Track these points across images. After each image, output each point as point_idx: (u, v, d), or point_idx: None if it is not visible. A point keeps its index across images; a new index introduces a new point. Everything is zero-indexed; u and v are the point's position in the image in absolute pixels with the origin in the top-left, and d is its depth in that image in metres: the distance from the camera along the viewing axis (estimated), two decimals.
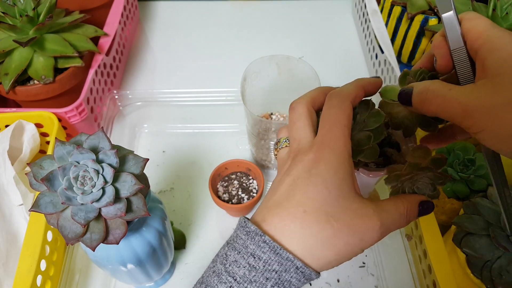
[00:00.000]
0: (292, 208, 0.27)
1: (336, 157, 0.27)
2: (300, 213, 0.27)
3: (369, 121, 0.31)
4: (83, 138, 0.34)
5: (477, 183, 0.49)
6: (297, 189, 0.28)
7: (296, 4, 0.86)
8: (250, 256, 0.27)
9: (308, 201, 0.27)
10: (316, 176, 0.27)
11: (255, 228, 0.27)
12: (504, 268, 0.40)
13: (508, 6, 0.51)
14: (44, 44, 0.54)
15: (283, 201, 0.28)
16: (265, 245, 0.27)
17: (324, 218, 0.26)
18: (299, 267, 0.26)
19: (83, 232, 0.32)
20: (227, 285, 0.27)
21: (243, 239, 0.28)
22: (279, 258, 0.26)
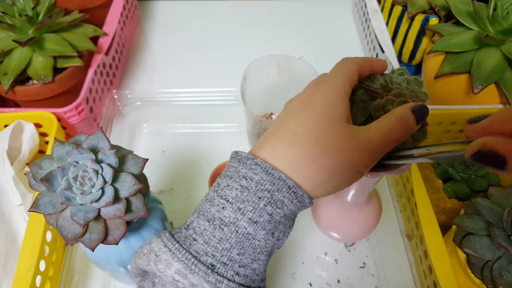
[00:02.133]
0: (284, 134, 0.28)
1: (332, 90, 0.29)
2: (291, 137, 0.28)
3: (355, 116, 0.32)
4: (82, 138, 0.34)
5: (478, 183, 0.49)
6: (291, 118, 0.29)
7: (296, 4, 0.86)
8: (242, 178, 0.27)
9: (299, 126, 0.28)
10: (310, 105, 0.29)
11: (246, 154, 0.28)
12: (504, 268, 0.40)
13: (508, 6, 0.51)
14: (44, 44, 0.54)
15: (276, 130, 0.29)
16: (257, 167, 0.27)
17: (313, 139, 0.27)
18: (291, 187, 0.27)
19: (83, 232, 0.32)
20: (219, 207, 0.27)
21: (235, 166, 0.28)
22: (271, 178, 0.27)
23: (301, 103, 0.29)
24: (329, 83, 0.30)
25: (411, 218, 0.50)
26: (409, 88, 0.32)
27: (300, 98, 0.30)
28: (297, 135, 0.28)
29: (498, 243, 0.40)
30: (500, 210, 0.42)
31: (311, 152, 0.27)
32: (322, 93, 0.29)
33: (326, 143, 0.27)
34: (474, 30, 0.54)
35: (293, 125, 0.28)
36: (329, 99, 0.29)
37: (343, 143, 0.27)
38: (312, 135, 0.27)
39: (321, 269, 0.51)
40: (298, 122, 0.28)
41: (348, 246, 0.53)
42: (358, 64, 0.31)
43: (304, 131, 0.28)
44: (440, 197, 0.50)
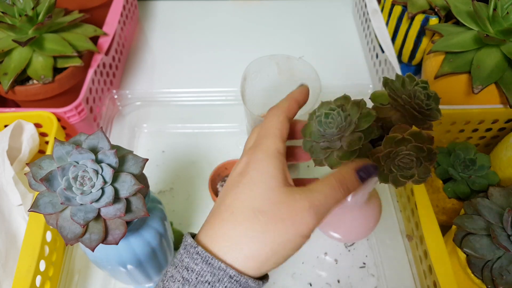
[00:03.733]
0: (223, 212, 0.28)
1: (265, 156, 0.28)
2: (228, 215, 0.27)
3: (360, 122, 0.31)
4: (82, 138, 0.34)
5: (478, 183, 0.49)
6: (228, 193, 0.28)
7: (296, 4, 0.86)
8: (184, 269, 0.26)
9: (236, 201, 0.27)
10: (245, 175, 0.28)
11: (191, 241, 0.27)
12: (504, 268, 0.40)
13: (508, 6, 0.51)
14: (43, 44, 0.54)
15: (216, 209, 0.28)
16: (198, 256, 0.26)
17: (251, 214, 0.26)
18: (232, 276, 0.26)
19: (83, 232, 0.32)
20: None
21: (181, 253, 0.28)
22: (211, 268, 0.26)
23: (238, 173, 0.29)
24: (260, 148, 0.29)
25: (411, 218, 0.50)
26: (429, 104, 0.32)
27: (236, 169, 0.29)
28: (234, 212, 0.27)
29: (498, 243, 0.40)
30: (500, 210, 0.42)
31: (251, 229, 0.26)
32: (254, 161, 0.28)
33: (265, 216, 0.26)
34: (474, 30, 0.54)
35: (230, 201, 0.28)
36: (262, 166, 0.28)
37: (283, 212, 0.26)
38: (250, 210, 0.27)
39: (321, 269, 0.51)
40: (235, 197, 0.28)
41: (348, 246, 0.53)
42: (285, 111, 0.31)
43: (241, 205, 0.27)
44: (440, 197, 0.50)
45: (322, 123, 0.32)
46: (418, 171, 0.31)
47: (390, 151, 0.31)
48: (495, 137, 0.57)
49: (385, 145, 0.31)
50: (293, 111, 0.32)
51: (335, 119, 0.31)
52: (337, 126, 0.31)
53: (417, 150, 0.31)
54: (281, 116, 0.31)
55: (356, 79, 0.71)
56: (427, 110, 0.32)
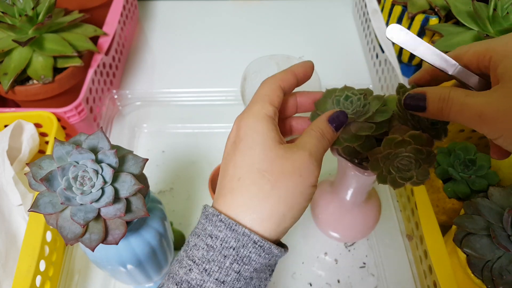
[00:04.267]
0: (228, 183, 0.28)
1: (255, 119, 0.29)
2: (235, 183, 0.28)
3: (376, 114, 0.32)
4: (82, 138, 0.34)
5: (478, 183, 0.49)
6: (229, 162, 0.29)
7: (296, 4, 0.86)
8: (208, 237, 0.27)
9: (238, 169, 0.28)
10: (239, 142, 0.29)
11: (212, 210, 0.28)
12: (504, 268, 0.40)
13: (508, 6, 0.51)
14: (43, 44, 0.54)
15: (222, 180, 0.29)
16: (221, 224, 0.27)
17: (257, 176, 0.27)
18: (256, 241, 0.26)
19: (83, 232, 0.32)
20: (187, 269, 0.27)
21: (202, 222, 0.28)
22: (235, 234, 0.26)
23: (231, 143, 0.29)
24: (248, 113, 0.29)
25: (411, 218, 0.50)
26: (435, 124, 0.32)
27: (229, 139, 0.30)
28: (241, 178, 0.27)
29: (498, 243, 0.40)
30: (500, 210, 0.42)
31: (261, 190, 0.27)
32: (245, 126, 0.29)
33: (271, 174, 0.27)
34: (474, 30, 0.54)
35: (232, 170, 0.28)
36: (254, 129, 0.28)
37: (287, 167, 0.27)
38: (255, 172, 0.27)
39: (321, 269, 0.51)
40: (237, 165, 0.28)
41: (348, 246, 0.53)
42: (278, 80, 0.31)
43: (245, 170, 0.27)
44: (440, 197, 0.50)
45: (340, 102, 0.32)
46: (416, 173, 0.31)
47: (389, 153, 0.31)
48: None
49: (384, 146, 0.31)
50: (289, 82, 0.32)
51: (354, 102, 0.32)
52: (354, 108, 0.31)
53: (416, 152, 0.31)
54: (273, 84, 0.31)
55: (356, 79, 0.71)
56: (431, 129, 0.32)
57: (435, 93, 0.28)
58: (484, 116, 0.25)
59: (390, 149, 0.31)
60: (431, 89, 0.29)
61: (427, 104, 0.28)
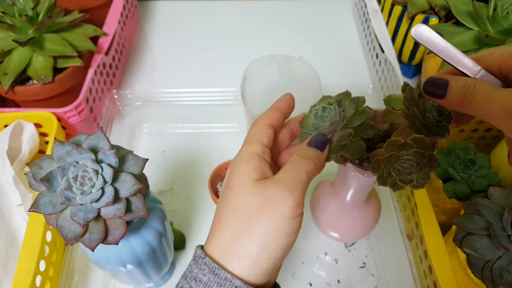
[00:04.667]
0: (214, 224, 0.29)
1: (239, 159, 0.29)
2: (217, 224, 0.28)
3: (353, 118, 0.32)
4: (82, 138, 0.34)
5: (478, 183, 0.49)
6: (218, 205, 0.29)
7: (296, 4, 0.86)
8: (193, 280, 0.27)
9: (220, 210, 0.28)
10: (226, 185, 0.29)
11: (200, 252, 0.28)
12: (504, 268, 0.40)
13: (508, 6, 0.51)
14: (43, 44, 0.54)
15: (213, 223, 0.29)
16: (206, 267, 0.27)
17: (232, 216, 0.27)
18: (238, 287, 0.26)
19: (83, 232, 0.32)
20: None
21: (191, 264, 0.28)
22: (217, 278, 0.26)
23: (223, 186, 0.30)
24: (237, 156, 0.30)
25: (411, 218, 0.50)
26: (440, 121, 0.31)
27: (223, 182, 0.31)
28: (221, 220, 0.28)
29: (498, 243, 0.40)
30: (500, 210, 0.42)
31: (234, 230, 0.26)
32: (231, 168, 0.30)
33: (242, 213, 0.27)
34: (474, 30, 0.54)
35: (218, 211, 0.29)
36: (236, 169, 0.29)
37: (258, 203, 0.26)
38: (230, 211, 0.27)
39: (321, 269, 0.51)
40: (220, 206, 0.29)
41: (348, 246, 0.53)
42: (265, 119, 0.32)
43: (224, 211, 0.28)
44: (440, 197, 0.50)
45: (318, 116, 0.32)
46: (417, 176, 0.31)
47: (391, 155, 0.31)
48: (495, 137, 0.57)
49: (386, 148, 0.31)
50: (275, 117, 0.33)
51: (330, 113, 0.32)
52: (329, 120, 0.32)
53: (418, 155, 0.31)
54: (261, 124, 0.32)
55: (356, 79, 0.71)
56: (436, 126, 0.32)
57: (460, 80, 0.27)
58: (509, 110, 0.25)
59: (392, 151, 0.31)
60: (455, 77, 0.28)
61: (448, 91, 0.27)
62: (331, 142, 0.32)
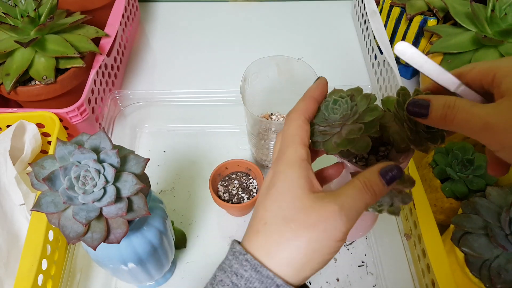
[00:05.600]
0: (256, 224, 0.28)
1: (287, 166, 0.29)
2: (261, 226, 0.28)
3: (364, 114, 0.32)
4: (84, 138, 0.34)
5: (476, 183, 0.49)
6: (260, 205, 0.29)
7: (295, 5, 0.86)
8: (234, 274, 0.27)
9: (266, 212, 0.28)
10: (272, 187, 0.29)
11: (240, 248, 0.28)
12: (502, 267, 0.40)
13: (507, 7, 0.51)
14: (46, 45, 0.55)
15: (252, 221, 0.29)
16: (247, 263, 0.27)
17: (281, 223, 0.27)
18: (279, 285, 0.26)
19: (84, 231, 0.32)
20: None
21: (230, 259, 0.28)
22: (259, 276, 0.26)
23: (265, 187, 0.30)
24: (283, 159, 0.29)
25: (409, 217, 0.51)
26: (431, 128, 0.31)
27: (264, 183, 0.30)
28: (267, 222, 0.28)
29: (496, 242, 0.40)
30: (498, 210, 0.42)
31: (283, 237, 0.27)
32: (279, 173, 0.29)
33: (295, 224, 0.27)
34: (472, 31, 0.55)
35: (262, 212, 0.28)
36: (286, 176, 0.28)
37: (313, 218, 0.27)
38: (280, 218, 0.27)
39: None
40: (266, 208, 0.28)
41: (347, 245, 0.54)
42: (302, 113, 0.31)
43: (272, 216, 0.28)
44: (438, 196, 0.51)
45: (329, 108, 0.32)
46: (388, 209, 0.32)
47: None
48: None
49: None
50: (312, 111, 0.32)
51: (342, 106, 0.32)
52: (341, 113, 0.32)
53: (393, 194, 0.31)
54: (299, 119, 0.31)
55: (355, 80, 0.72)
56: (426, 132, 0.32)
57: (440, 99, 0.28)
58: (489, 126, 0.25)
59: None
60: (436, 96, 0.29)
61: (430, 111, 0.28)
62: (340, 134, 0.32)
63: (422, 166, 0.54)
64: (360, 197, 0.28)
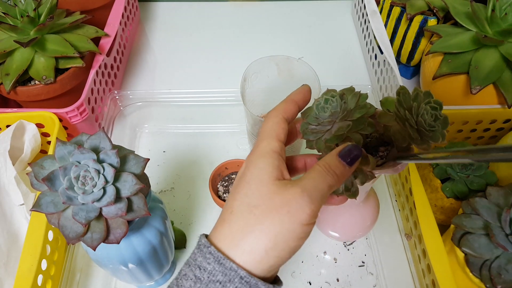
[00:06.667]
0: (223, 214, 0.29)
1: (256, 155, 0.29)
2: (228, 215, 0.28)
3: (354, 112, 0.32)
4: (84, 138, 0.34)
5: (476, 183, 0.49)
6: (229, 196, 0.29)
7: (295, 5, 0.86)
8: (197, 268, 0.27)
9: (234, 201, 0.28)
10: (242, 177, 0.29)
11: (205, 241, 0.28)
12: (503, 267, 0.40)
13: (507, 7, 0.51)
14: (45, 45, 0.55)
15: (221, 212, 0.29)
16: (210, 256, 0.27)
17: (246, 209, 0.27)
18: (243, 277, 0.26)
19: (84, 231, 0.32)
20: None
21: (195, 252, 0.28)
22: (222, 268, 0.26)
23: (237, 178, 0.30)
24: (255, 150, 0.30)
25: (410, 217, 0.51)
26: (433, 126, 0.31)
27: (238, 174, 0.31)
28: (233, 211, 0.28)
29: (496, 242, 0.40)
30: (498, 210, 0.42)
31: (247, 224, 0.27)
32: (249, 162, 0.29)
33: (259, 209, 0.27)
34: (473, 31, 0.55)
35: (230, 202, 0.29)
36: (255, 165, 0.29)
37: (276, 202, 0.27)
38: (245, 206, 0.27)
39: (320, 268, 0.52)
40: (233, 198, 0.29)
41: (347, 245, 0.54)
42: (281, 112, 0.32)
43: (238, 204, 0.28)
44: (439, 196, 0.51)
45: (319, 107, 0.33)
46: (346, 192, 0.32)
47: None
48: (493, 137, 0.57)
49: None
50: (291, 111, 0.32)
51: (331, 105, 0.32)
52: (330, 111, 0.32)
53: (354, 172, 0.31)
54: (277, 117, 0.31)
55: (355, 80, 0.72)
56: (428, 131, 0.32)
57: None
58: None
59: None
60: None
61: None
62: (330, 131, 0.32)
63: (422, 166, 0.54)
64: (322, 179, 0.28)
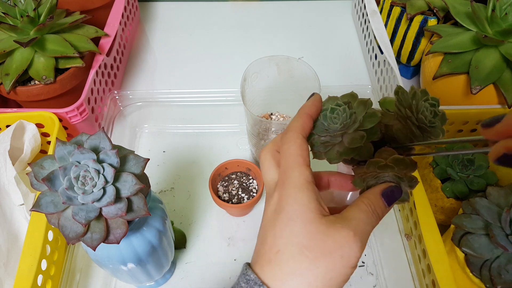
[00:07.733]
0: (266, 253, 0.27)
1: (295, 189, 0.28)
2: (274, 255, 0.27)
3: (364, 121, 0.32)
4: (84, 138, 0.34)
5: (476, 183, 0.49)
6: (268, 231, 0.28)
7: (295, 5, 0.86)
8: None
9: (278, 240, 0.27)
10: (280, 213, 0.27)
11: (254, 277, 0.27)
12: (503, 267, 0.40)
13: (507, 7, 0.51)
14: (45, 45, 0.54)
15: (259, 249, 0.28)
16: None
17: (296, 250, 0.26)
18: None
19: (84, 231, 0.32)
20: None
21: (243, 287, 0.27)
22: None
23: (272, 211, 0.28)
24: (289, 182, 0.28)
25: (410, 218, 0.51)
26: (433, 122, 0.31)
27: (269, 206, 0.29)
28: (280, 250, 0.27)
29: (496, 242, 0.40)
30: (498, 210, 0.42)
31: (299, 267, 0.26)
32: (286, 196, 0.28)
33: (311, 252, 0.26)
34: (473, 31, 0.55)
35: (271, 240, 0.27)
36: (295, 199, 0.27)
37: (329, 245, 0.26)
38: (294, 246, 0.26)
39: None
40: (276, 235, 0.27)
41: None
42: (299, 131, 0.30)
43: (284, 243, 0.27)
44: (439, 196, 0.50)
45: (327, 117, 0.32)
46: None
47: (372, 174, 0.31)
48: None
49: (368, 167, 0.31)
50: (308, 128, 0.31)
51: (340, 115, 0.31)
52: (341, 122, 0.31)
53: (396, 178, 0.31)
54: (298, 138, 0.29)
55: (355, 80, 0.72)
56: (429, 127, 0.32)
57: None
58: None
59: (374, 171, 0.31)
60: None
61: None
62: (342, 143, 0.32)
63: (422, 166, 0.54)
64: (369, 221, 0.27)
